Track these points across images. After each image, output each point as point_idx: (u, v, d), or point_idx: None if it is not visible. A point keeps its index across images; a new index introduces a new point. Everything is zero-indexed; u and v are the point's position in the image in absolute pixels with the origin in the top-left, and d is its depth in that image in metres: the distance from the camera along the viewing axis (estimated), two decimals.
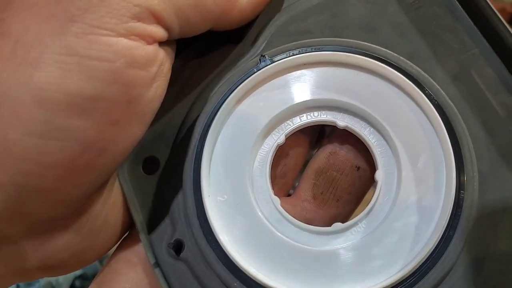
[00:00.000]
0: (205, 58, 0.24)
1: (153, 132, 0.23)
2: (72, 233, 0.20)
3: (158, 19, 0.18)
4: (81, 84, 0.16)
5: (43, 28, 0.16)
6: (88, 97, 0.16)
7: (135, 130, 0.19)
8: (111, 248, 0.23)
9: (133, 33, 0.17)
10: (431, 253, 0.19)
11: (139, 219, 0.22)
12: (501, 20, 0.21)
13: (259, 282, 0.20)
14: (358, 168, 0.24)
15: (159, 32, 0.18)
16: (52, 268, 0.21)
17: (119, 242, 0.24)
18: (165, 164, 0.23)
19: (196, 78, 0.23)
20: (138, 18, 0.17)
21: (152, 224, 0.22)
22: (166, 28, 0.18)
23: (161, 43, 0.19)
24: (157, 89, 0.19)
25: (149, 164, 0.23)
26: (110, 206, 0.22)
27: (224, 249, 0.20)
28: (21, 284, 0.47)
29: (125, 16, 0.17)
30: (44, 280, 0.47)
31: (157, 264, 0.21)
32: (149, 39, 0.18)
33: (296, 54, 0.22)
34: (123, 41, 0.17)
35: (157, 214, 0.22)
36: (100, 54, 0.16)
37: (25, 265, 0.20)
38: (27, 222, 0.18)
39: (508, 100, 0.20)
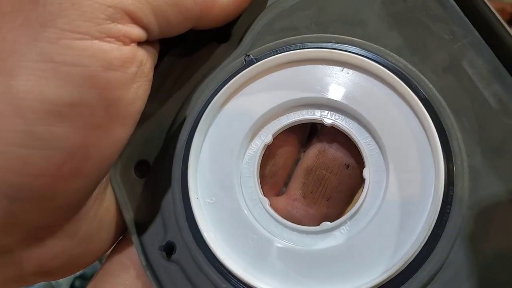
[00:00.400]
0: (193, 59, 0.23)
1: (144, 136, 0.23)
2: (67, 239, 0.20)
3: (134, 19, 0.18)
4: (58, 90, 0.16)
5: (19, 36, 0.16)
6: (66, 104, 0.16)
7: (118, 132, 0.18)
8: (106, 252, 0.24)
9: (108, 34, 0.17)
10: (420, 251, 0.18)
11: (131, 222, 0.23)
12: (490, 9, 0.20)
13: (248, 284, 0.20)
14: (348, 166, 0.23)
15: (136, 32, 0.18)
16: (48, 273, 0.21)
17: (114, 245, 0.24)
18: (156, 167, 0.23)
19: (185, 80, 0.23)
20: (112, 19, 0.17)
21: (144, 227, 0.23)
22: (144, 27, 0.18)
23: (141, 43, 0.19)
24: (138, 90, 0.18)
25: (140, 168, 0.23)
26: (104, 211, 0.22)
27: (212, 251, 0.20)
28: None
29: (98, 18, 0.17)
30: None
31: (149, 266, 0.22)
32: (125, 40, 0.17)
33: (281, 53, 0.21)
34: (97, 44, 0.17)
35: (149, 217, 0.23)
36: (74, 59, 0.16)
37: (21, 272, 0.20)
38: (21, 231, 0.19)
39: (500, 91, 0.20)
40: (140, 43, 0.18)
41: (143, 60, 0.18)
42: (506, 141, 0.19)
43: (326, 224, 0.21)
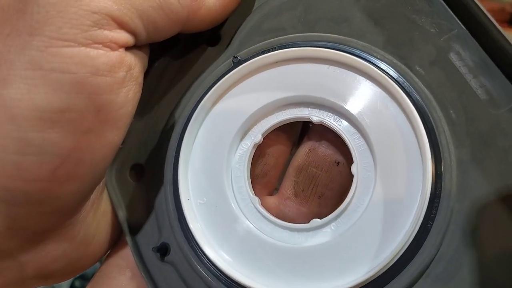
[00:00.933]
0: (185, 62, 0.24)
1: (138, 140, 0.24)
2: (66, 243, 0.21)
3: (120, 24, 0.18)
4: (48, 97, 0.17)
5: (8, 45, 0.17)
6: (56, 110, 0.17)
7: (110, 136, 0.19)
8: (104, 255, 0.24)
9: (95, 41, 0.17)
10: (409, 245, 0.18)
11: (126, 224, 0.23)
12: (474, 1, 0.20)
13: (239, 283, 0.20)
14: (338, 163, 0.23)
15: (123, 37, 0.18)
16: (48, 276, 0.22)
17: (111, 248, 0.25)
18: (150, 170, 0.23)
19: (177, 84, 0.24)
20: (98, 25, 0.17)
21: (139, 229, 0.23)
22: (131, 32, 0.19)
23: (129, 48, 0.19)
24: (128, 94, 0.19)
25: (135, 171, 0.24)
26: (101, 215, 0.23)
27: (203, 251, 0.20)
28: None
29: (84, 24, 0.17)
30: None
31: (144, 267, 0.22)
32: (112, 45, 0.18)
33: (267, 53, 0.22)
34: (85, 51, 0.17)
35: (144, 219, 0.23)
36: (62, 66, 0.17)
37: (22, 275, 0.20)
38: (21, 235, 0.19)
39: (488, 83, 0.19)
40: (128, 48, 0.19)
41: (132, 65, 0.19)
42: (494, 132, 0.19)
43: (316, 221, 0.21)
